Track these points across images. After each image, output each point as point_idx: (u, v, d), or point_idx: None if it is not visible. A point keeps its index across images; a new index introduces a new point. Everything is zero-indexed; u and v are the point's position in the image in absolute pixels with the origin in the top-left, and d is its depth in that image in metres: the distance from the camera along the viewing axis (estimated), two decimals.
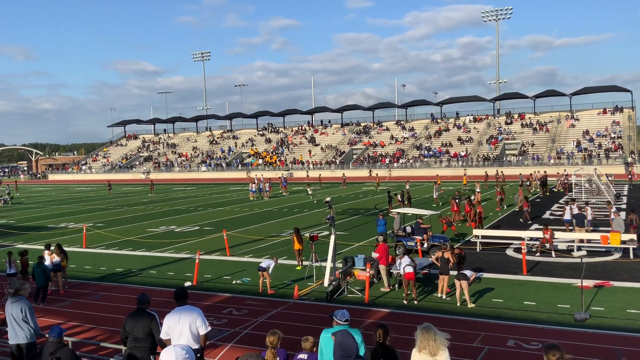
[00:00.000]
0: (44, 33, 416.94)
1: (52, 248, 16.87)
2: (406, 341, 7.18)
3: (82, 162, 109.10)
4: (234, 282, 16.84)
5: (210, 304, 14.26)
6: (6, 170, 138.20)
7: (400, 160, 77.31)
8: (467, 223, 25.78)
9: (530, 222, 26.48)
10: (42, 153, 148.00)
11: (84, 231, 25.07)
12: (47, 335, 7.70)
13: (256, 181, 49.20)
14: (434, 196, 36.85)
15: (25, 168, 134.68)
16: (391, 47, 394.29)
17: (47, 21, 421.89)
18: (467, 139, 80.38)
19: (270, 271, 15.60)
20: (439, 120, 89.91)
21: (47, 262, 15.95)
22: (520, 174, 50.21)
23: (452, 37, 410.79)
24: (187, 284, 16.37)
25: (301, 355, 6.68)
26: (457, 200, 27.57)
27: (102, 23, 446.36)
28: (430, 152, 78.15)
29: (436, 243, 19.20)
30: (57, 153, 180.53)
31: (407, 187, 37.20)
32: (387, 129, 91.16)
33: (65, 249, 17.79)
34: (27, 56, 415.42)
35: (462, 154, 75.09)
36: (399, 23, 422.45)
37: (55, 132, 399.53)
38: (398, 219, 21.60)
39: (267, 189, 45.38)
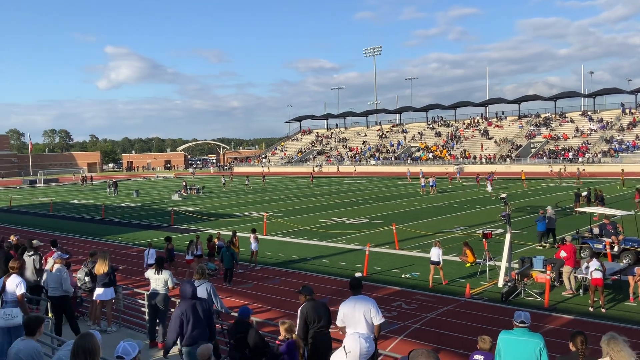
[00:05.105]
0: (235, 37, 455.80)
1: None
2: (591, 351, 6.58)
3: (263, 156, 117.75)
4: (403, 275, 16.89)
5: (380, 295, 14.47)
6: (198, 162, 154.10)
7: (587, 155, 70.65)
8: None
9: None
10: (228, 147, 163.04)
11: (265, 219, 27.08)
12: (235, 314, 8.45)
13: (422, 174, 48.84)
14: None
15: (214, 160, 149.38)
16: (582, 30, 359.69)
17: (238, 26, 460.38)
18: None
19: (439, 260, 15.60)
20: (632, 111, 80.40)
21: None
22: None
23: None
24: (358, 274, 16.77)
25: (477, 356, 6.48)
26: None
27: (285, 24, 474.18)
28: (622, 146, 70.19)
29: (629, 247, 17.23)
30: (241, 147, 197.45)
31: None
32: (571, 121, 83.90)
33: (248, 235, 19.43)
34: (220, 59, 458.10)
35: None
36: (592, 4, 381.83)
37: (240, 128, 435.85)
38: (553, 215, 20.46)
39: (431, 183, 44.58)
